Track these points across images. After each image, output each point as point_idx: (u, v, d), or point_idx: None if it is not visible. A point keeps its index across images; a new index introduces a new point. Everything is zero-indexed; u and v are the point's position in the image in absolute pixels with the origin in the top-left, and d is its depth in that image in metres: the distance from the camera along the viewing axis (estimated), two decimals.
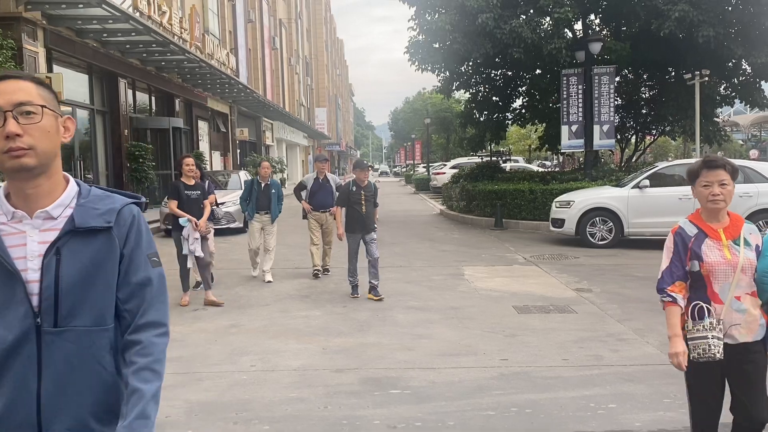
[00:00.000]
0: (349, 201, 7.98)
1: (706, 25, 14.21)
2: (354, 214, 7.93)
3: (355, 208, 7.90)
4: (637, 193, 12.01)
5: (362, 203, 7.89)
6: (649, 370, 5.19)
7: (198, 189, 7.80)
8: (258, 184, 9.35)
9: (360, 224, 7.90)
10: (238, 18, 35.28)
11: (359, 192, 7.95)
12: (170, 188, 7.95)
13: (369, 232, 7.92)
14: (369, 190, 8.02)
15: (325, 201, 9.43)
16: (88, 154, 18.52)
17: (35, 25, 14.45)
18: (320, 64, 75.86)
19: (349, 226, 7.98)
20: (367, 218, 7.91)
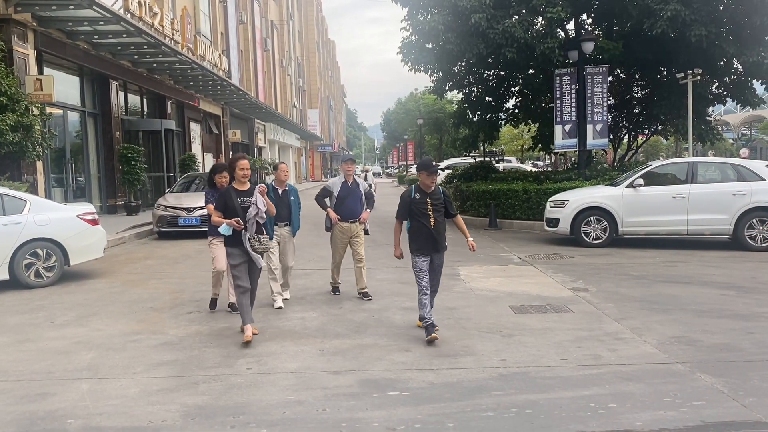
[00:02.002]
0: (411, 212, 6.23)
1: (698, 25, 14.25)
2: (420, 229, 6.17)
3: (420, 221, 6.16)
4: (631, 192, 12.02)
5: (430, 214, 6.14)
6: (648, 369, 5.17)
7: (251, 195, 6.32)
8: (274, 191, 7.74)
9: (430, 242, 6.15)
10: (230, 19, 35.18)
11: (424, 200, 6.17)
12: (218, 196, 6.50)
13: (440, 252, 6.26)
14: (437, 197, 6.22)
15: (355, 209, 8.00)
16: (79, 157, 18.42)
17: (25, 27, 14.36)
18: (312, 66, 75.75)
19: (414, 244, 6.21)
20: (438, 234, 6.16)
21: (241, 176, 6.26)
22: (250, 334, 6.08)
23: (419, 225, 6.17)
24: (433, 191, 6.24)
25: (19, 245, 8.96)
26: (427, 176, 6.18)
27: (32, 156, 12.54)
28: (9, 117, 11.07)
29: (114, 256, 11.94)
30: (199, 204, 15.10)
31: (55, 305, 8.01)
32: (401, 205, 6.34)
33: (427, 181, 6.19)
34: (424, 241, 6.16)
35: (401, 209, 6.35)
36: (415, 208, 6.20)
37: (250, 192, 6.26)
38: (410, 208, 6.24)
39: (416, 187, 6.30)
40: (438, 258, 6.26)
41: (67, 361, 5.65)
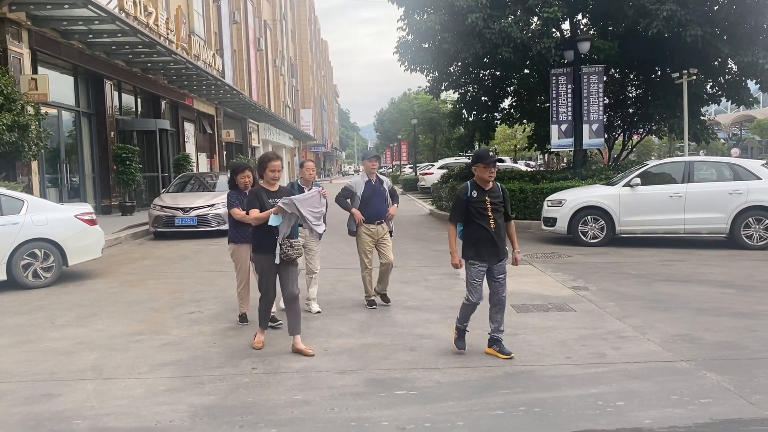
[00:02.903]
0: (468, 213, 5.43)
1: (693, 25, 14.32)
2: (478, 233, 5.37)
3: (478, 223, 5.35)
4: (628, 191, 12.06)
5: (489, 215, 5.34)
6: (653, 367, 5.19)
7: (281, 196, 5.82)
8: (300, 190, 6.98)
9: (489, 248, 5.37)
10: (224, 19, 35.10)
11: (482, 198, 5.37)
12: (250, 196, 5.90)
13: (501, 260, 5.46)
14: (497, 196, 5.42)
15: (381, 209, 7.40)
16: (74, 157, 18.33)
17: (20, 26, 14.28)
18: (305, 66, 75.68)
19: (471, 251, 5.43)
20: (499, 238, 5.39)
21: (271, 177, 5.80)
22: (262, 340, 5.89)
23: (477, 228, 5.37)
24: (491, 188, 5.42)
25: (16, 245, 8.90)
26: (484, 169, 5.32)
27: (28, 156, 12.46)
28: (5, 117, 11.00)
29: (111, 257, 11.88)
30: (195, 204, 15.09)
31: (54, 306, 7.96)
32: (456, 205, 5.47)
33: (484, 174, 5.34)
34: (483, 247, 5.37)
35: (456, 210, 5.47)
36: (472, 209, 5.36)
37: (280, 194, 5.82)
38: (467, 209, 5.41)
39: (472, 184, 5.43)
40: (499, 267, 5.48)
41: (70, 361, 5.61)
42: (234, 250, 6.82)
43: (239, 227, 6.66)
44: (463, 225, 5.49)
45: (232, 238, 6.78)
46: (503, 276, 5.51)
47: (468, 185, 5.46)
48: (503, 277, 5.51)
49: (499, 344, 5.53)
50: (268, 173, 5.81)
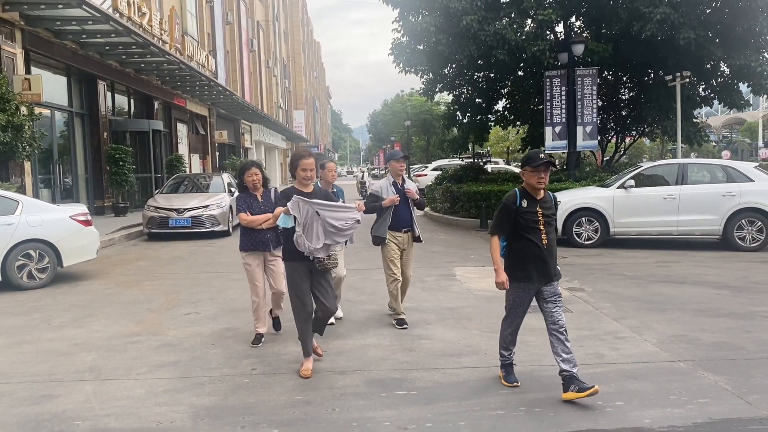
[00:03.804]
0: (516, 226, 4.64)
1: (686, 28, 14.43)
2: (527, 249, 4.61)
3: (528, 238, 4.59)
4: (622, 193, 12.13)
5: (541, 229, 4.60)
6: (651, 367, 5.22)
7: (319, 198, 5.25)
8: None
9: (540, 267, 4.62)
10: (217, 20, 35.04)
11: (534, 209, 4.59)
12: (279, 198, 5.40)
13: (551, 280, 4.68)
14: (549, 206, 4.69)
15: (407, 215, 6.72)
16: (67, 158, 18.24)
17: (13, 26, 14.21)
18: (298, 67, 75.62)
19: (518, 271, 4.65)
20: (551, 256, 4.65)
21: (303, 177, 5.17)
22: (311, 368, 5.16)
23: (526, 243, 4.59)
24: (543, 197, 4.64)
25: (11, 246, 8.86)
26: (532, 173, 4.54)
27: (22, 156, 12.40)
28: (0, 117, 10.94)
29: (106, 258, 11.83)
30: (189, 205, 15.06)
31: (50, 307, 7.92)
32: (503, 215, 4.65)
33: (532, 180, 4.55)
34: (532, 266, 4.59)
35: (502, 221, 4.66)
36: (522, 220, 4.57)
37: (314, 196, 5.19)
38: (515, 220, 4.61)
39: (521, 192, 4.64)
40: (550, 289, 4.66)
41: (68, 362, 5.59)
42: (244, 258, 6.15)
43: (250, 233, 6.03)
44: (507, 239, 4.70)
45: (243, 245, 6.12)
46: (557, 297, 4.68)
47: (516, 193, 4.64)
48: (557, 298, 4.68)
49: (576, 381, 4.45)
50: (300, 173, 5.17)
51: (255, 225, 5.91)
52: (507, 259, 4.72)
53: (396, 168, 6.71)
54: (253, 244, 6.04)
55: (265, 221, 5.83)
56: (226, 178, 17.70)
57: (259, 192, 6.09)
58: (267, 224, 5.82)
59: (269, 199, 6.07)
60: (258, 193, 6.08)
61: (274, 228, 5.84)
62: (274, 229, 5.86)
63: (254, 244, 6.04)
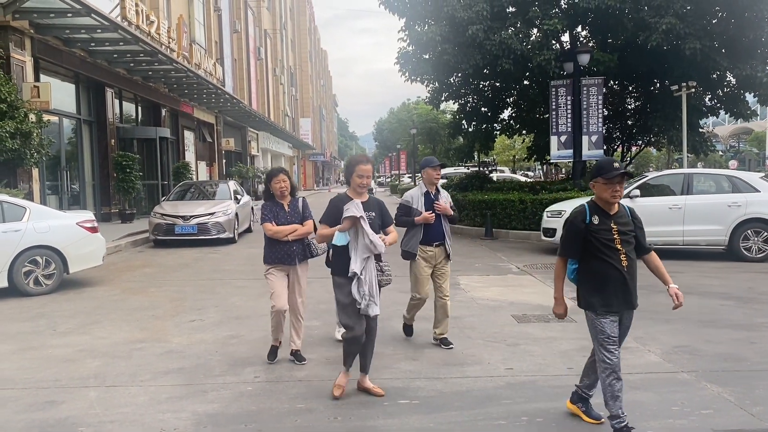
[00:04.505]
0: (587, 246, 4.02)
1: (692, 38, 14.45)
2: (603, 272, 3.99)
3: (603, 259, 3.98)
4: (627, 202, 12.04)
5: (619, 248, 3.98)
6: (654, 378, 5.21)
7: (372, 209, 4.88)
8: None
9: (621, 293, 4.01)
10: (224, 28, 35.27)
11: (608, 226, 3.99)
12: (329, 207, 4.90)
13: (632, 308, 4.15)
14: (625, 222, 4.05)
15: (440, 228, 6.12)
16: (74, 164, 18.36)
17: (23, 34, 14.35)
18: (304, 75, 75.97)
19: (595, 297, 4.03)
20: (632, 280, 4.05)
21: (359, 184, 4.76)
22: (343, 386, 4.80)
23: (601, 266, 3.99)
24: (618, 212, 4.05)
25: (18, 252, 8.92)
26: (606, 187, 3.95)
27: (30, 163, 12.50)
28: (8, 124, 11.04)
29: (111, 264, 11.88)
30: (195, 212, 15.13)
31: (55, 313, 7.97)
32: (570, 234, 4.07)
33: (605, 194, 3.97)
34: (611, 291, 3.99)
35: (570, 241, 4.08)
36: (594, 239, 3.98)
37: (369, 205, 4.82)
38: (586, 239, 4.02)
39: (591, 206, 4.06)
40: (628, 317, 4.16)
41: (72, 368, 5.62)
42: (268, 272, 5.69)
43: (274, 245, 5.58)
44: (579, 262, 4.12)
45: (267, 258, 5.66)
46: (627, 330, 4.20)
47: (585, 208, 4.05)
48: (625, 331, 4.19)
49: (587, 404, 4.38)
50: (356, 179, 4.76)
51: (280, 236, 5.49)
52: (581, 285, 4.13)
53: (432, 176, 6.17)
54: (277, 257, 5.58)
55: (292, 232, 5.51)
56: (232, 186, 17.78)
57: (286, 200, 5.65)
58: (293, 236, 5.51)
59: (296, 209, 5.66)
60: (285, 202, 5.65)
61: (300, 240, 5.60)
62: (301, 241, 5.61)
63: (279, 257, 5.58)
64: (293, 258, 5.60)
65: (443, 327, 6.24)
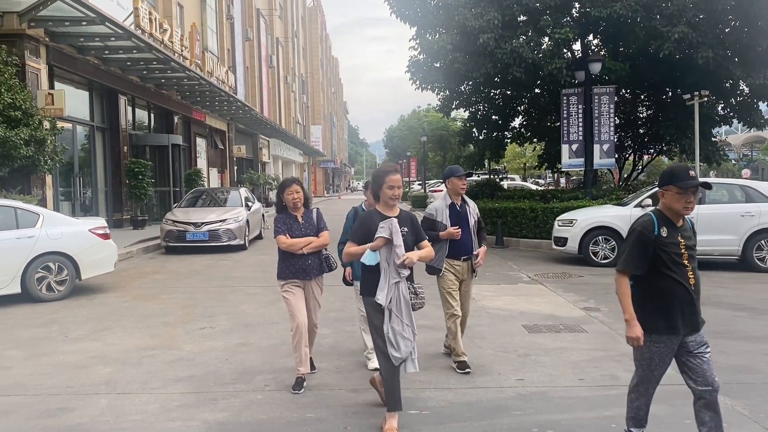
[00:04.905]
0: (655, 261, 3.64)
1: (705, 47, 14.38)
2: (670, 290, 3.62)
3: (670, 276, 3.62)
4: (639, 212, 12.02)
5: (686, 264, 3.64)
6: (667, 390, 5.15)
7: (405, 224, 4.43)
8: None
9: (687, 313, 3.65)
10: (237, 36, 35.49)
11: (675, 239, 3.65)
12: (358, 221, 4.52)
13: (698, 330, 3.73)
14: (689, 235, 3.72)
15: (468, 240, 5.82)
16: (87, 171, 18.50)
17: (38, 42, 14.51)
18: (315, 82, 76.27)
19: (659, 319, 3.65)
20: (698, 298, 3.71)
21: (390, 196, 4.35)
22: (395, 427, 4.26)
23: (669, 283, 3.62)
24: (683, 225, 3.72)
25: (31, 259, 8.99)
26: (679, 197, 3.60)
27: (44, 170, 12.61)
28: (23, 131, 11.15)
29: (123, 271, 11.95)
30: (206, 219, 15.19)
31: (67, 319, 8.02)
32: (640, 247, 3.64)
33: (677, 204, 3.62)
34: (677, 312, 3.62)
35: (638, 255, 3.65)
36: (662, 253, 3.61)
37: (401, 220, 4.41)
38: (652, 253, 3.63)
39: (659, 217, 3.69)
40: (697, 338, 3.72)
41: (84, 375, 5.65)
42: (283, 288, 5.40)
43: (289, 259, 5.32)
44: (636, 279, 3.71)
45: (281, 273, 5.39)
46: (705, 348, 3.72)
47: (653, 218, 3.67)
48: (705, 349, 3.72)
49: None
50: (387, 191, 4.35)
51: (295, 249, 5.23)
52: (641, 305, 3.68)
53: (457, 186, 5.81)
54: (292, 271, 5.31)
55: (307, 245, 5.26)
56: (243, 193, 17.85)
57: (299, 212, 5.40)
58: (309, 249, 5.26)
59: (311, 220, 5.40)
60: (298, 214, 5.39)
61: (316, 253, 5.37)
62: (317, 254, 5.39)
63: (294, 271, 5.31)
64: (309, 272, 5.34)
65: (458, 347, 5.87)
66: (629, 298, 3.68)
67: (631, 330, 3.66)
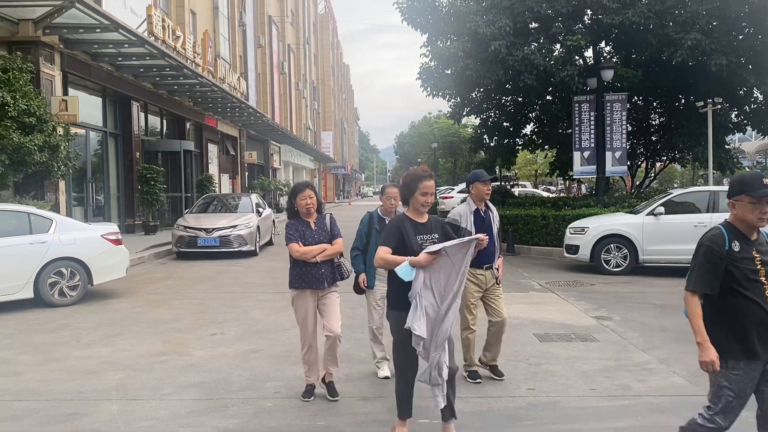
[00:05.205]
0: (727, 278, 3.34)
1: (718, 54, 14.30)
2: (745, 311, 3.33)
3: (745, 294, 3.33)
4: (652, 220, 11.97)
5: (763, 282, 3.34)
6: (680, 401, 5.11)
7: (435, 231, 4.22)
8: (381, 222, 5.63)
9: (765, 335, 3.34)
10: (248, 43, 35.68)
11: (749, 253, 3.36)
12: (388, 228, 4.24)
13: None
14: (766, 249, 3.42)
15: (491, 247, 5.46)
16: (99, 176, 18.62)
17: (53, 49, 14.64)
18: (327, 89, 76.51)
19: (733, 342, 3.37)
20: None
21: (422, 203, 4.14)
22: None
23: (743, 303, 3.33)
24: (758, 238, 3.43)
25: (44, 264, 9.05)
26: (753, 206, 3.32)
27: (57, 176, 12.71)
28: (37, 137, 11.25)
29: (134, 276, 12.00)
30: (217, 225, 15.25)
31: (79, 324, 8.06)
32: (711, 263, 3.35)
33: (751, 215, 3.33)
34: (754, 335, 3.32)
35: (710, 272, 3.35)
36: (734, 270, 3.32)
37: (430, 227, 4.20)
38: (725, 270, 3.33)
39: (729, 230, 3.40)
40: None
41: (95, 381, 5.67)
42: (294, 297, 5.22)
43: (301, 268, 5.09)
44: (707, 297, 3.41)
45: (293, 281, 5.17)
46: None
47: (723, 232, 3.38)
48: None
49: None
50: (419, 197, 4.13)
51: (308, 258, 5.02)
52: (713, 327, 3.38)
53: (482, 192, 5.58)
54: (305, 280, 5.09)
55: (320, 253, 5.06)
56: (255, 199, 17.91)
57: (312, 218, 5.17)
58: (322, 256, 5.05)
59: (324, 227, 5.20)
60: (311, 220, 5.16)
61: (329, 261, 5.16)
62: (330, 262, 5.18)
63: (306, 280, 5.08)
64: (322, 281, 5.10)
65: (494, 353, 5.70)
66: (700, 319, 3.36)
67: (704, 353, 3.35)
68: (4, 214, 9.19)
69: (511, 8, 15.29)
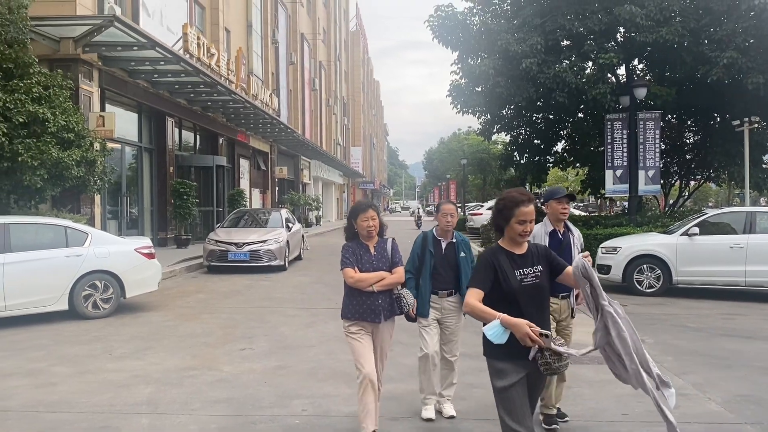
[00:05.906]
0: None
1: (755, 72, 14.08)
2: None
3: None
4: (686, 240, 11.75)
5: None
6: (716, 429, 4.98)
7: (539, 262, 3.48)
8: (436, 244, 5.20)
9: None
10: (281, 60, 36.17)
11: None
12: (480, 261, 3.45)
13: None
14: None
15: None
16: (133, 190, 18.97)
17: (91, 66, 15.03)
18: (357, 105, 77.05)
19: None
20: None
21: (520, 232, 3.39)
22: None
23: None
24: None
25: (79, 276, 9.23)
26: None
27: (93, 190, 12.99)
28: (75, 152, 11.53)
29: (166, 289, 12.16)
30: (248, 239, 15.40)
31: (111, 337, 8.18)
32: None
33: None
34: None
35: None
36: None
37: (529, 259, 3.46)
38: None
39: None
40: None
41: (126, 394, 5.75)
42: (348, 329, 4.60)
43: (357, 297, 4.53)
44: None
45: (345, 311, 4.60)
46: None
47: None
48: None
49: None
50: (516, 226, 3.40)
51: (364, 286, 4.46)
52: None
53: (557, 211, 5.00)
54: (359, 311, 4.51)
55: (378, 281, 4.49)
56: (284, 214, 18.05)
57: (372, 242, 4.61)
58: (380, 286, 4.48)
59: (384, 252, 4.62)
60: (371, 243, 4.60)
61: (387, 291, 4.57)
62: (388, 292, 4.58)
63: (361, 312, 4.51)
64: (379, 314, 4.51)
65: (558, 392, 5.08)
66: None
67: None
68: (41, 227, 9.43)
69: (543, 26, 15.29)
